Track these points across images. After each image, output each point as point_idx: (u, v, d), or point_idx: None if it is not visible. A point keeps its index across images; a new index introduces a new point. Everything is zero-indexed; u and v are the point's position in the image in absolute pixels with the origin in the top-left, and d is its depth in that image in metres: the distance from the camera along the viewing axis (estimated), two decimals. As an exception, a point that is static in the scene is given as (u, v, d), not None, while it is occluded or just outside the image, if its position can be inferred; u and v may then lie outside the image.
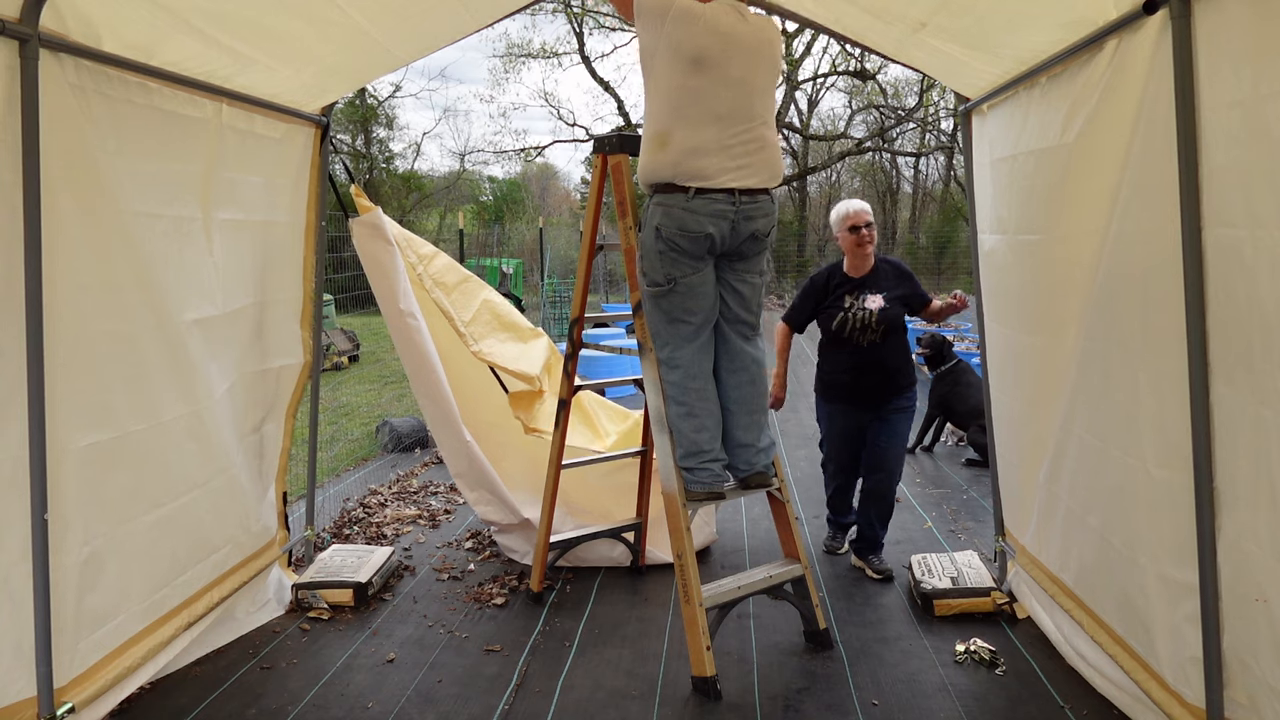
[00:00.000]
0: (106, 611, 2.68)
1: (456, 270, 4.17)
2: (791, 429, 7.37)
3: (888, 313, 3.82)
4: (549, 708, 2.91)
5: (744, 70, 2.92)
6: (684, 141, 2.91)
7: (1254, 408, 1.96)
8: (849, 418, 4.01)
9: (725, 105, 2.90)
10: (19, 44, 2.18)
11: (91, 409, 2.54)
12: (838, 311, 3.91)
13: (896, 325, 3.85)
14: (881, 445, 3.93)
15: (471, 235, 15.17)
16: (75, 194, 2.43)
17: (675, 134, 2.92)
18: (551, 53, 25.74)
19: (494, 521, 4.15)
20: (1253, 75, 1.89)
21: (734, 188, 2.94)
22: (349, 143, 26.83)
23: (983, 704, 2.88)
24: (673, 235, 2.96)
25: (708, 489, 3.07)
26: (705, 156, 2.90)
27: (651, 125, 2.98)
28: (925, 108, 24.75)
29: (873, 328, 3.84)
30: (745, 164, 2.95)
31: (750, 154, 2.96)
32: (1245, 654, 2.08)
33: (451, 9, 3.34)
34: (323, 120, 3.76)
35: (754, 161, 2.97)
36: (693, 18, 2.86)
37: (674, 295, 3.03)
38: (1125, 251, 2.44)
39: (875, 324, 3.83)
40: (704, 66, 2.87)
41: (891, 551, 4.26)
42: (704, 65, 2.86)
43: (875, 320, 3.83)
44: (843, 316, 3.89)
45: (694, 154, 2.90)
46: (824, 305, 3.98)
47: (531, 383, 4.04)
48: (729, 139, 2.93)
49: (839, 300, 3.93)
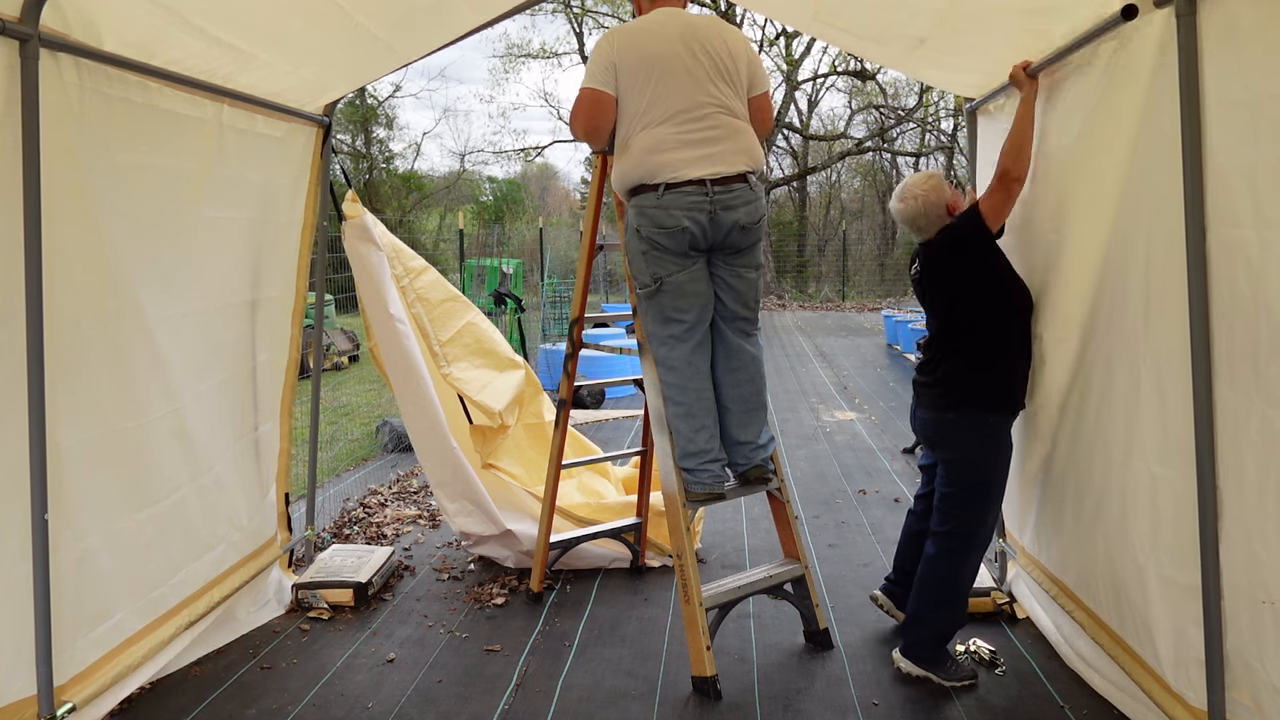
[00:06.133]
0: (103, 610, 2.68)
1: (443, 288, 4.14)
2: (791, 429, 7.37)
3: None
4: (549, 708, 2.91)
5: (689, 62, 2.93)
6: (641, 143, 2.96)
7: (1261, 408, 1.96)
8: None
9: (676, 102, 2.93)
10: (19, 44, 2.18)
11: (83, 406, 2.54)
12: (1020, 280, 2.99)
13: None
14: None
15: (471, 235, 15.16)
16: (69, 192, 2.43)
17: (633, 139, 2.99)
18: (551, 53, 25.79)
19: (472, 534, 4.10)
20: (1260, 74, 1.88)
21: (704, 177, 2.92)
22: (349, 143, 26.83)
23: (982, 704, 2.88)
24: (651, 234, 2.97)
25: (708, 489, 3.07)
26: (665, 152, 2.92)
27: (617, 137, 3.07)
28: (925, 108, 24.75)
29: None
30: (710, 153, 2.93)
31: (713, 141, 2.94)
32: (1250, 656, 2.07)
33: (454, 5, 3.33)
34: (325, 120, 3.76)
35: (720, 150, 2.94)
36: (630, 41, 2.96)
37: (663, 295, 3.03)
38: (1128, 251, 2.43)
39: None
40: (649, 71, 2.93)
41: (891, 552, 4.25)
42: (649, 69, 2.93)
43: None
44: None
45: (653, 151, 2.93)
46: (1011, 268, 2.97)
47: (492, 417, 3.99)
48: (686, 132, 2.93)
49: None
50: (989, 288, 2.90)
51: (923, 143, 27.35)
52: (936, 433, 3.05)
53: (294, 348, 3.82)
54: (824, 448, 6.65)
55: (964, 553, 2.99)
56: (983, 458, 2.95)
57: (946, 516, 3.00)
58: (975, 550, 3.01)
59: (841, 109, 37.32)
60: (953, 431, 2.99)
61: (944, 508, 3.01)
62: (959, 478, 2.98)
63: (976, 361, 2.93)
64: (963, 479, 2.97)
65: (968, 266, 2.91)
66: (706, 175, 2.92)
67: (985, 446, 2.96)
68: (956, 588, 3.00)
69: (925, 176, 3.03)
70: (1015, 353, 2.96)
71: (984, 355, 2.92)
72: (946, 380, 2.98)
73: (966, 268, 2.91)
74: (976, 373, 2.93)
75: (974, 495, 2.96)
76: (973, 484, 2.96)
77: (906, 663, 3.04)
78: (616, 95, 3.00)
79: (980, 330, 2.92)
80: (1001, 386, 2.94)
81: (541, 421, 4.41)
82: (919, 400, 3.10)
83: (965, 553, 2.99)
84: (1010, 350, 2.94)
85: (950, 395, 2.97)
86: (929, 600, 3.01)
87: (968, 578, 3.03)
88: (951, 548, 2.98)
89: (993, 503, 3.00)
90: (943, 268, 2.96)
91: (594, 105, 3.01)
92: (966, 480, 2.96)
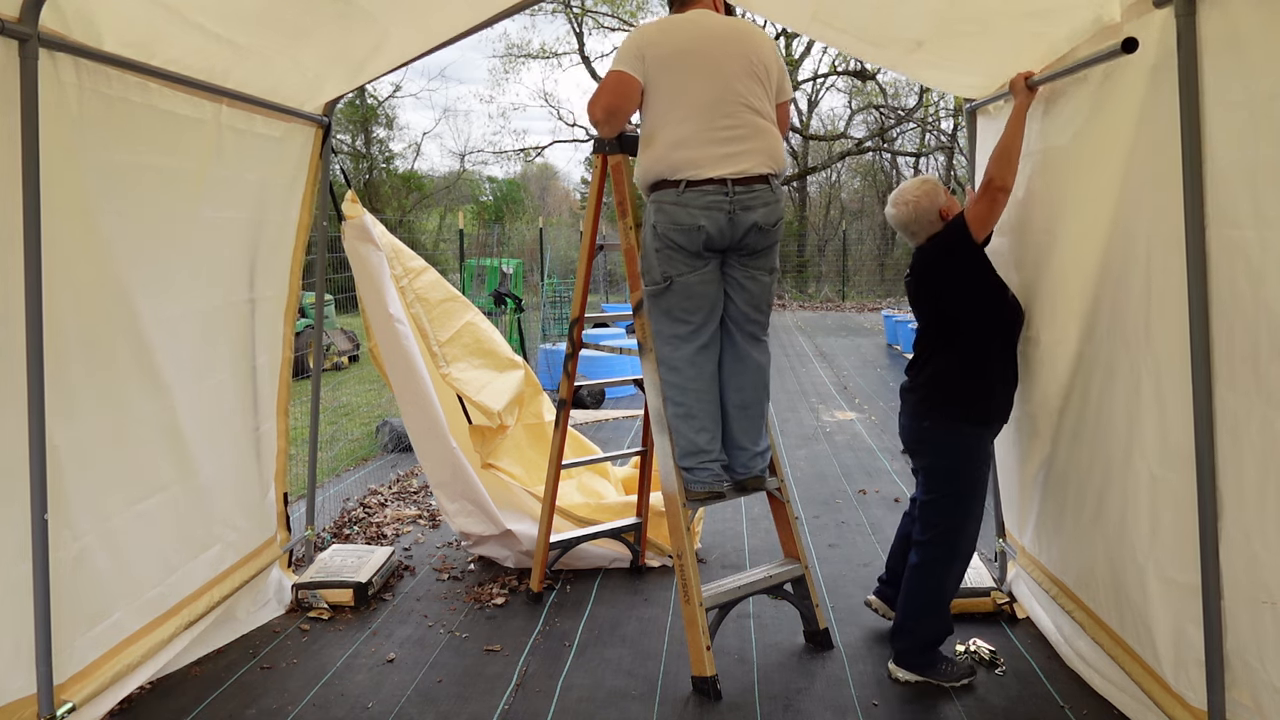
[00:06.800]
0: (101, 608, 2.68)
1: (442, 288, 4.14)
2: (791, 429, 7.36)
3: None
4: (549, 708, 2.91)
5: (721, 58, 2.93)
6: (667, 137, 2.95)
7: (1261, 409, 1.95)
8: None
9: (705, 96, 2.91)
10: (18, 44, 2.18)
11: (79, 404, 2.54)
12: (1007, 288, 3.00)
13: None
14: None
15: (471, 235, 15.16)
16: (68, 192, 2.43)
17: (659, 132, 2.97)
18: (551, 53, 25.78)
19: (472, 534, 4.10)
20: (1260, 74, 1.88)
21: (726, 176, 2.91)
22: (349, 143, 26.83)
23: (982, 704, 2.88)
24: (667, 231, 2.96)
25: (708, 489, 3.07)
26: (690, 149, 2.91)
27: (642, 129, 3.06)
28: (925, 108, 24.74)
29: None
30: (734, 152, 2.92)
31: (739, 140, 2.93)
32: (1250, 656, 2.07)
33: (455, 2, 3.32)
34: (324, 120, 3.75)
35: (745, 149, 2.93)
36: (663, 35, 2.96)
37: (671, 295, 3.03)
38: (1128, 251, 2.43)
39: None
40: (680, 64, 2.92)
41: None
42: (680, 63, 2.92)
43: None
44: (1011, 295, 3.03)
45: (678, 147, 2.92)
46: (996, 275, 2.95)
47: (491, 417, 3.99)
48: (713, 130, 2.92)
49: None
50: (973, 298, 2.90)
51: (923, 143, 27.34)
52: (915, 439, 3.05)
53: (287, 347, 3.82)
54: (824, 448, 6.65)
55: (946, 562, 2.99)
56: (958, 467, 2.95)
57: (927, 525, 3.00)
58: (958, 560, 3.01)
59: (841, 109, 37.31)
60: (929, 439, 2.99)
61: (924, 516, 3.02)
62: (936, 486, 2.99)
63: (956, 371, 2.92)
64: (940, 487, 2.97)
65: (952, 275, 2.90)
66: (729, 174, 2.90)
67: (960, 456, 2.95)
68: (940, 596, 3.00)
69: (920, 182, 3.02)
70: (996, 366, 2.95)
71: (963, 365, 2.92)
72: (926, 387, 2.98)
73: (951, 277, 2.91)
74: (955, 382, 2.93)
75: (952, 504, 2.96)
76: (950, 493, 2.96)
77: (902, 671, 3.04)
78: (644, 84, 2.98)
79: (962, 340, 2.91)
80: (979, 398, 2.93)
81: (541, 422, 4.41)
82: (902, 405, 3.11)
83: (948, 562, 2.99)
84: (991, 363, 2.93)
85: (927, 402, 2.97)
86: (913, 609, 3.01)
87: (951, 586, 3.04)
88: (934, 557, 2.98)
89: (972, 512, 2.98)
90: (929, 275, 2.97)
91: (620, 85, 2.97)
92: (944, 489, 2.97)
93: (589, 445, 4.68)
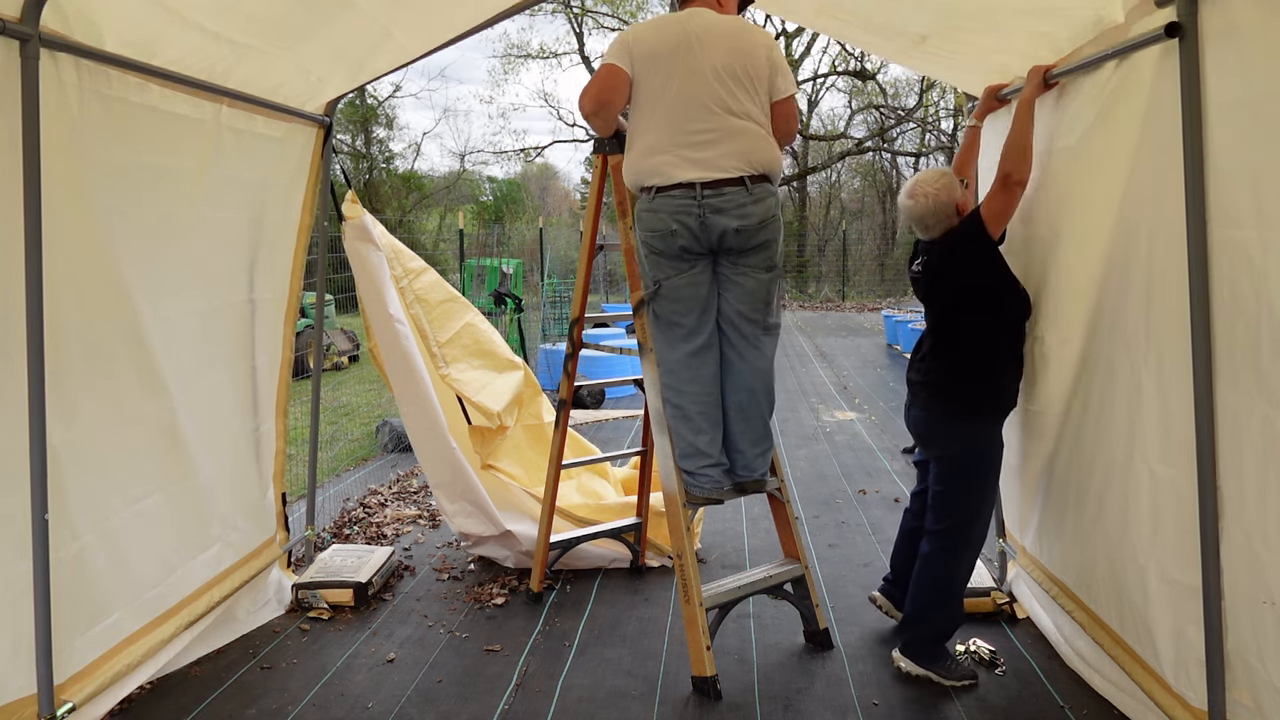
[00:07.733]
0: (100, 608, 2.67)
1: (442, 289, 4.13)
2: (791, 429, 7.36)
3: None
4: (549, 708, 2.91)
5: (698, 60, 2.88)
6: (640, 144, 2.97)
7: (1262, 409, 1.95)
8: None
9: (675, 100, 2.90)
10: (19, 44, 2.18)
11: (78, 403, 2.53)
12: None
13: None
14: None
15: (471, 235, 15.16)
16: (69, 192, 2.43)
17: (635, 139, 3.00)
18: (551, 53, 25.79)
19: (472, 534, 4.10)
20: (1261, 74, 1.88)
21: (694, 180, 2.88)
22: (349, 143, 26.83)
23: (983, 704, 2.88)
24: (646, 237, 3.00)
25: (707, 494, 3.09)
26: (658, 154, 2.92)
27: (627, 133, 3.08)
28: (925, 108, 24.76)
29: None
30: (703, 156, 2.89)
31: (709, 145, 2.88)
32: (1251, 656, 2.07)
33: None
34: (325, 120, 3.75)
35: (715, 154, 2.88)
36: (648, 33, 2.95)
37: (661, 298, 3.04)
38: (1130, 251, 2.43)
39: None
40: (655, 67, 2.92)
41: (891, 552, 4.25)
42: (655, 66, 2.92)
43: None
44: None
45: (648, 153, 2.94)
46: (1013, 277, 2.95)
47: (490, 418, 3.99)
48: (682, 134, 2.90)
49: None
50: (988, 294, 2.90)
51: (923, 142, 27.34)
52: (928, 430, 3.06)
53: (287, 347, 3.82)
54: (824, 448, 6.65)
55: (959, 551, 2.99)
56: (974, 456, 2.96)
57: (941, 515, 3.01)
58: (970, 548, 3.01)
59: (841, 109, 37.34)
60: (944, 430, 3.00)
61: (937, 506, 3.02)
62: (951, 475, 2.99)
63: (970, 364, 2.93)
64: (955, 476, 2.98)
65: (969, 272, 2.90)
66: (696, 178, 2.88)
67: (976, 445, 2.96)
68: (952, 586, 3.01)
69: (937, 174, 2.99)
70: (1007, 359, 2.96)
71: (977, 359, 2.92)
72: (940, 379, 2.98)
73: (968, 273, 2.90)
74: (969, 374, 2.93)
75: (966, 492, 2.97)
76: (965, 481, 2.97)
77: (906, 661, 3.04)
78: (633, 79, 2.96)
79: (977, 334, 2.91)
80: (992, 390, 2.95)
81: (541, 422, 4.41)
82: (913, 397, 3.11)
83: (960, 551, 2.99)
84: (1003, 356, 2.94)
85: (941, 393, 2.98)
86: (926, 599, 3.02)
87: (963, 576, 3.04)
88: (946, 546, 2.99)
89: (985, 500, 3.00)
90: (944, 270, 2.96)
91: (610, 78, 2.95)
92: (958, 477, 2.98)
93: (588, 446, 4.69)
